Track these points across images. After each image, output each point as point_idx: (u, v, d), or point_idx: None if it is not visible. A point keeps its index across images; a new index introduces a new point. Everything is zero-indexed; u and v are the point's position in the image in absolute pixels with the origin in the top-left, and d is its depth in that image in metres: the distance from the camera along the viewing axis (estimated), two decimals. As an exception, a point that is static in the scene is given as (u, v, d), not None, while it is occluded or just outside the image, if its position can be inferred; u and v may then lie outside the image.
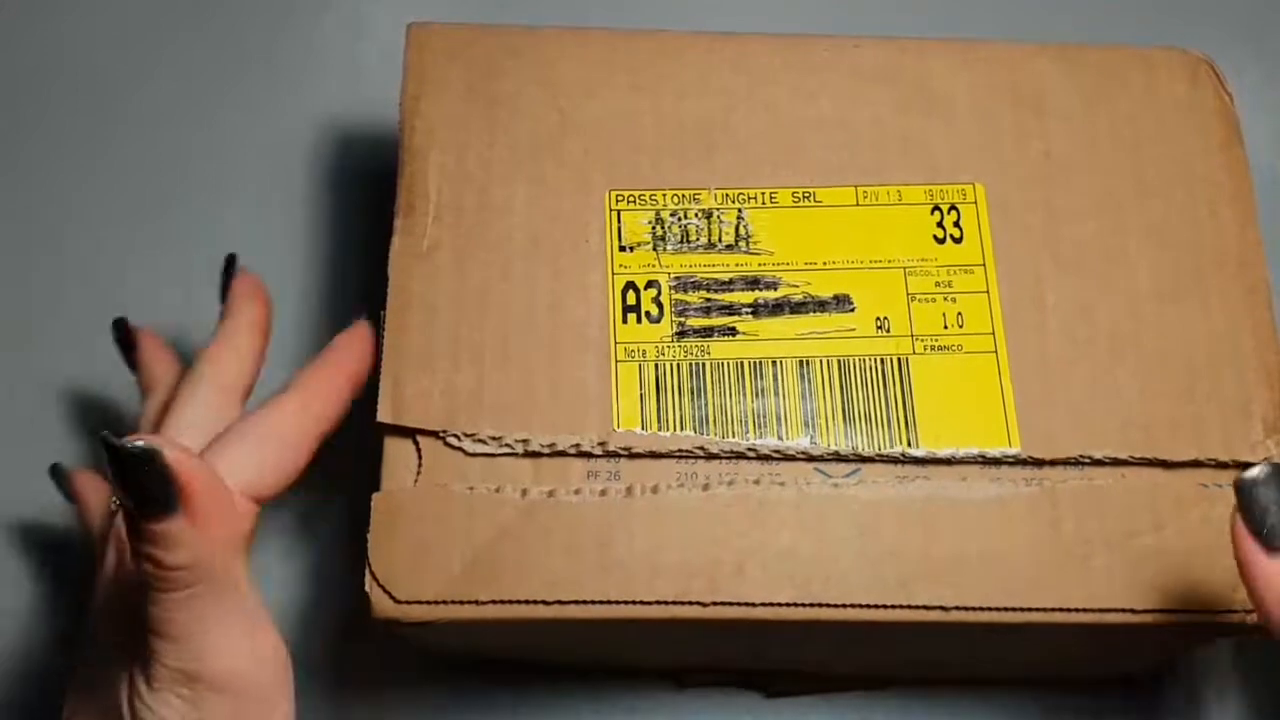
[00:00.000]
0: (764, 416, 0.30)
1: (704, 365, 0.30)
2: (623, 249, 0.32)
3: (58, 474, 0.34)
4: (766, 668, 0.38)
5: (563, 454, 0.30)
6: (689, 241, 0.32)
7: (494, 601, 0.29)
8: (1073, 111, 0.33)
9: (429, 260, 0.31)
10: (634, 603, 0.29)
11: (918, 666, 0.38)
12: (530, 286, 0.31)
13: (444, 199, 0.32)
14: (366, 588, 0.29)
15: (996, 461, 0.30)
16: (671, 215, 0.32)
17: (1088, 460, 0.30)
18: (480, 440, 0.29)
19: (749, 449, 0.30)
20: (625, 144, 0.33)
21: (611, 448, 0.30)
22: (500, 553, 0.29)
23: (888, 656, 0.36)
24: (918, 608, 0.29)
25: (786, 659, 0.37)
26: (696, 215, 0.32)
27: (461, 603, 0.29)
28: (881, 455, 0.30)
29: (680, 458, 0.30)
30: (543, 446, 0.29)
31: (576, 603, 0.29)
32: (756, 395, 0.30)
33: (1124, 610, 0.29)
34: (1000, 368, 0.31)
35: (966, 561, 0.29)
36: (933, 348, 0.31)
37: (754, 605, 0.29)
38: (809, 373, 0.30)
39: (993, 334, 0.31)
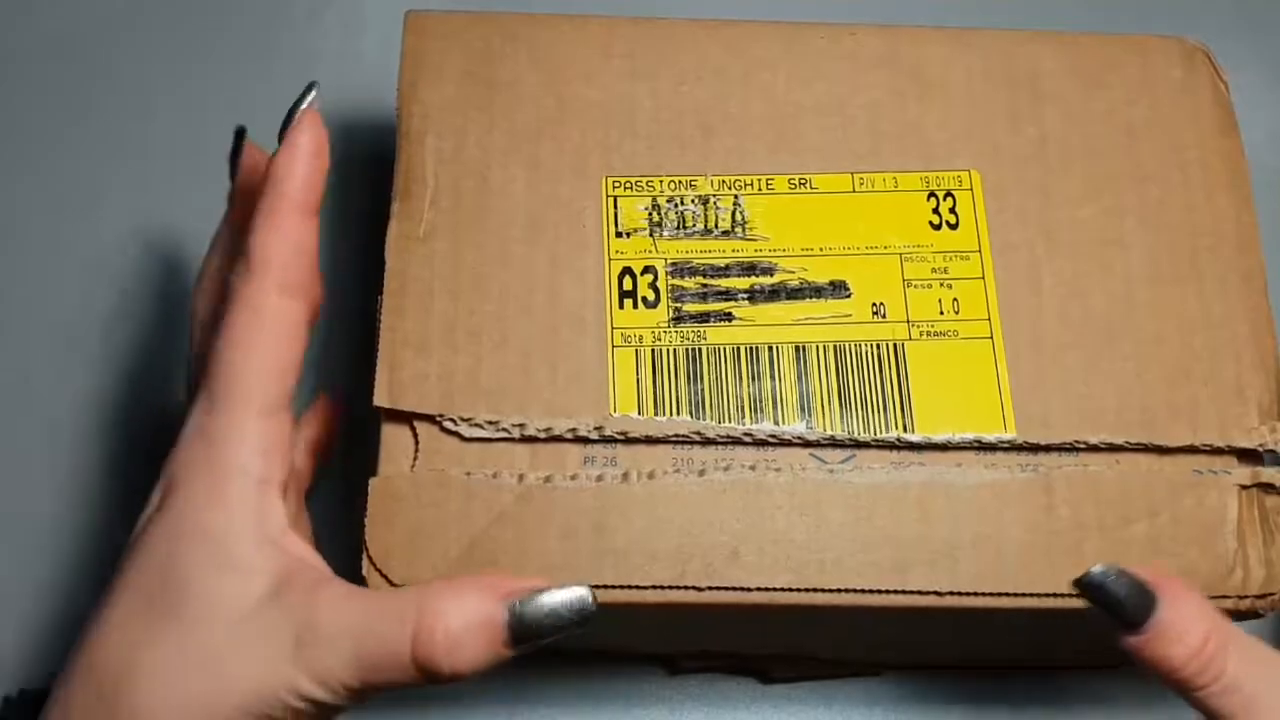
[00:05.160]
0: (760, 401, 0.30)
1: (700, 350, 0.30)
2: (619, 235, 0.32)
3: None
4: (761, 653, 0.38)
5: (559, 439, 0.30)
6: (685, 228, 0.32)
7: None
8: (1068, 96, 0.33)
9: (425, 244, 0.31)
10: (629, 587, 0.29)
11: (913, 652, 0.38)
12: (527, 272, 0.31)
13: (441, 184, 0.32)
14: (363, 571, 0.29)
15: (992, 447, 0.30)
16: (668, 201, 0.32)
17: (1083, 445, 0.30)
18: (476, 424, 0.29)
19: (745, 434, 0.30)
20: (622, 130, 0.33)
21: (608, 432, 0.30)
22: (497, 537, 0.29)
23: (883, 642, 0.36)
24: (912, 593, 0.29)
25: (781, 645, 0.37)
26: (693, 201, 0.32)
27: None
28: (878, 440, 0.30)
29: (677, 443, 0.30)
30: (539, 431, 0.30)
31: None
32: (753, 380, 0.30)
33: None
34: (996, 353, 0.31)
35: (961, 547, 0.29)
36: (929, 333, 0.31)
37: (749, 590, 0.29)
38: (805, 358, 0.30)
39: (988, 319, 0.31)
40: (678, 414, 0.30)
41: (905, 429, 0.30)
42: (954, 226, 0.32)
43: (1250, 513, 0.30)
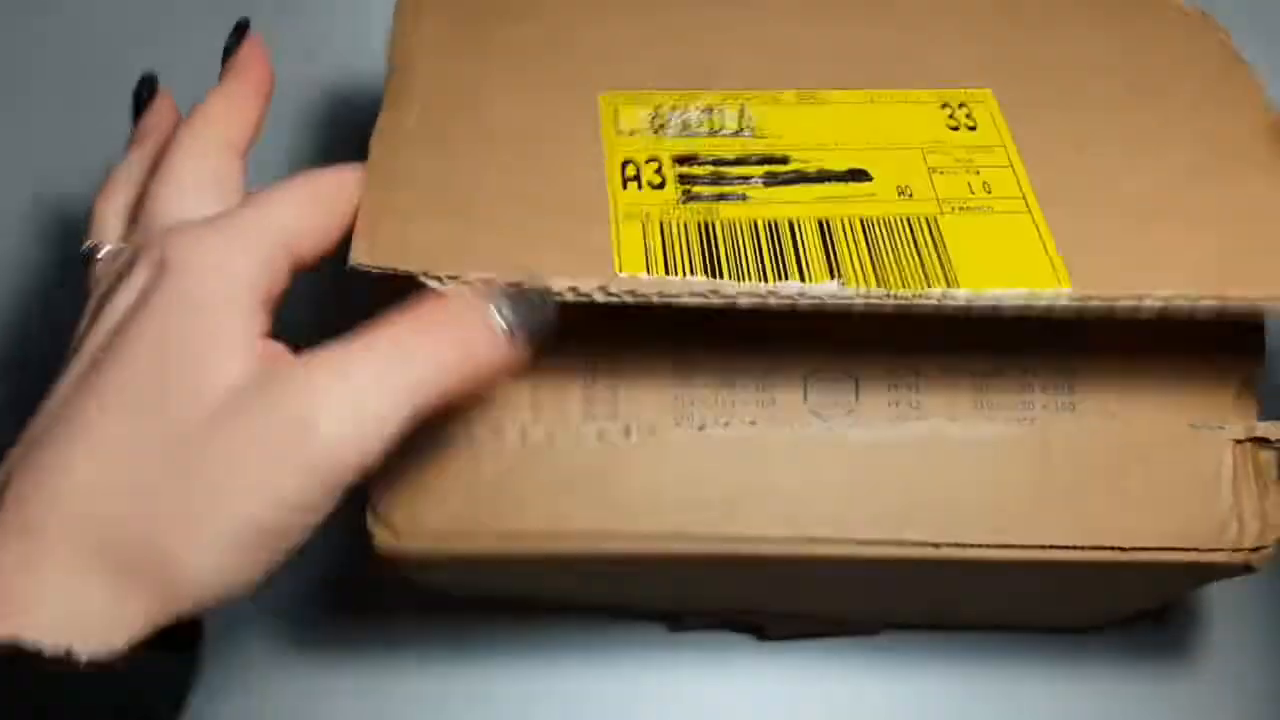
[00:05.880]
0: (784, 263, 0.27)
1: (713, 224, 0.28)
2: (620, 133, 0.30)
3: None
4: (761, 609, 0.36)
5: (558, 299, 0.26)
6: (690, 129, 0.30)
7: (494, 537, 0.28)
8: (1078, 32, 0.33)
9: (413, 136, 0.29)
10: (631, 538, 0.28)
11: (912, 611, 0.36)
12: (521, 163, 0.29)
13: (433, 94, 0.30)
14: (368, 524, 0.29)
15: (1045, 315, 0.27)
16: (671, 110, 0.30)
17: (1152, 300, 0.26)
18: (466, 283, 0.26)
19: (769, 292, 0.26)
20: (623, 60, 0.32)
21: (612, 291, 0.26)
22: (499, 491, 0.29)
23: (882, 601, 0.35)
24: (909, 544, 0.28)
25: (781, 601, 0.35)
26: (697, 110, 0.30)
27: (462, 538, 0.28)
28: (919, 298, 0.26)
29: (678, 383, 0.29)
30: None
31: (574, 538, 0.29)
32: (774, 246, 0.27)
33: (1112, 549, 0.28)
34: (1038, 225, 0.28)
35: (959, 499, 0.29)
36: (962, 209, 0.28)
37: (746, 542, 0.28)
38: (831, 231, 0.27)
39: (1023, 198, 0.28)
40: (691, 274, 0.26)
41: (949, 284, 0.26)
42: (973, 129, 0.30)
43: (1245, 467, 0.29)
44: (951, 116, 0.31)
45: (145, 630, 0.22)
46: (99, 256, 0.27)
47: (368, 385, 0.23)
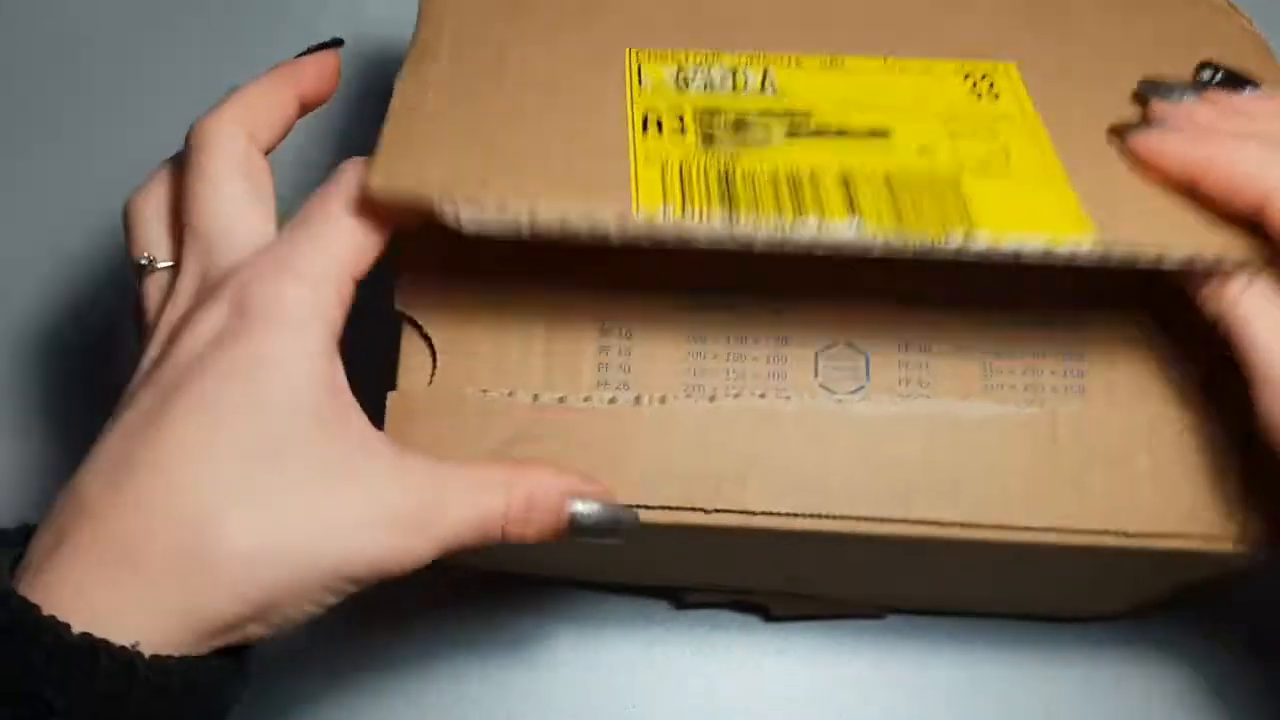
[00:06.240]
0: (802, 208, 0.26)
1: (733, 172, 0.27)
2: (643, 88, 0.30)
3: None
4: (766, 588, 0.36)
5: (573, 235, 0.26)
6: (712, 88, 0.30)
7: None
8: (1103, 15, 0.33)
9: (436, 86, 0.29)
10: (639, 507, 0.29)
11: (917, 595, 0.36)
12: (543, 108, 0.29)
13: (459, 50, 0.30)
14: None
15: (1066, 264, 0.26)
16: (694, 69, 0.31)
17: (1173, 256, 0.26)
18: (481, 209, 0.26)
19: (787, 238, 0.26)
20: (647, 24, 0.32)
21: (630, 232, 0.26)
22: (510, 453, 0.29)
23: (887, 581, 0.35)
24: (915, 521, 0.28)
25: (786, 578, 0.34)
26: (720, 70, 0.31)
27: None
28: (937, 248, 0.26)
29: (690, 355, 0.30)
30: (552, 222, 0.26)
31: None
32: (793, 195, 0.27)
33: (1117, 533, 0.28)
34: (1060, 189, 0.28)
35: (965, 479, 0.29)
36: (983, 170, 0.28)
37: (754, 514, 0.28)
38: (851, 182, 0.27)
39: (1045, 165, 0.28)
40: (709, 220, 0.26)
41: (968, 234, 0.26)
42: (996, 99, 0.30)
43: (1253, 460, 0.28)
44: (975, 87, 0.31)
45: (204, 646, 0.24)
46: (154, 272, 0.28)
47: (458, 498, 0.26)
